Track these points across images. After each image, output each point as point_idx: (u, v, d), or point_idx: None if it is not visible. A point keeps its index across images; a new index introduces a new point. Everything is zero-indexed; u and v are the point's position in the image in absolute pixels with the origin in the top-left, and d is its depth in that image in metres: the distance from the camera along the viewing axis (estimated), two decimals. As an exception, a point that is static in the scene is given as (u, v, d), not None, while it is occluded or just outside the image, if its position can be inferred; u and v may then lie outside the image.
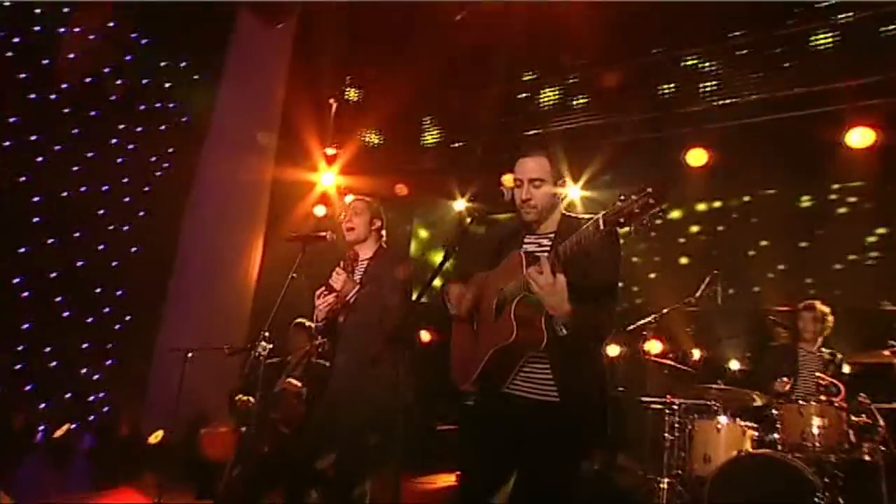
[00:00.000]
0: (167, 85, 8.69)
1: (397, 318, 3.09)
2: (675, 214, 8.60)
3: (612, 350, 7.42)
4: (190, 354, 5.03)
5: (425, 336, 7.62)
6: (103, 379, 7.88)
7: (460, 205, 9.04)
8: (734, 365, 6.97)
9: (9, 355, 7.31)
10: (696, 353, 7.05)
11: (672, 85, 7.97)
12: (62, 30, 7.94)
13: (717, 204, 8.59)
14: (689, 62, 7.86)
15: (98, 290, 8.03)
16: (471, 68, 8.60)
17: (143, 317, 8.02)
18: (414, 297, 3.24)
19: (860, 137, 6.43)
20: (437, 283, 2.70)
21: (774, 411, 4.61)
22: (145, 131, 8.50)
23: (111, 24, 8.18)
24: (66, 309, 7.80)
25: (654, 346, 6.50)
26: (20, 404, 7.27)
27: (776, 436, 4.52)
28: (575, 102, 8.51)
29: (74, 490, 5.52)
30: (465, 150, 8.76)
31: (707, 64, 7.72)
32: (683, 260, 8.47)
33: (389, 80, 8.65)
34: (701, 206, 8.62)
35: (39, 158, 7.73)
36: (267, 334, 4.29)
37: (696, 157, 7.51)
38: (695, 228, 8.62)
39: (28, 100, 7.63)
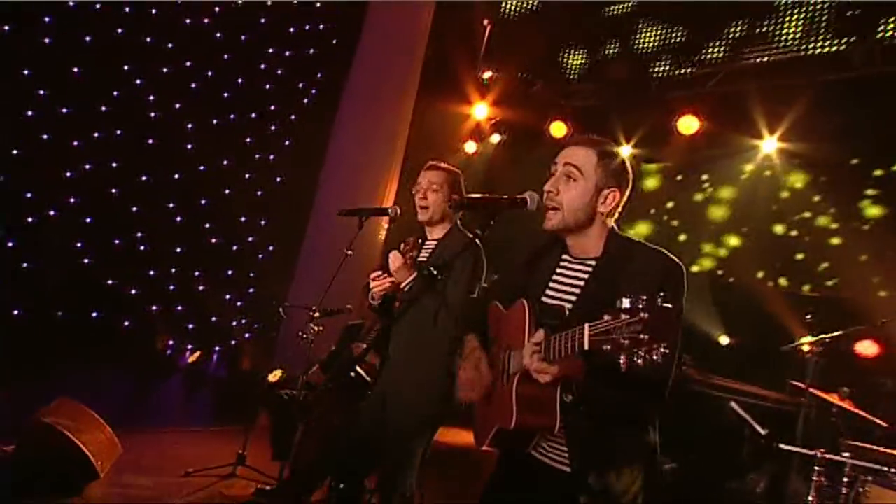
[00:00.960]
0: (318, 4, 8.64)
1: (456, 316, 2.81)
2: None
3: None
4: (282, 311, 4.99)
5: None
6: (244, 306, 8.41)
7: (625, 151, 8.10)
8: None
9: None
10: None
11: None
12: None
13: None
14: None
15: (243, 219, 8.46)
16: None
17: (283, 249, 8.33)
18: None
19: None
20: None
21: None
22: (294, 56, 8.57)
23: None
24: (214, 235, 8.33)
25: (866, 348, 5.59)
26: (170, 326, 7.99)
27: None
28: (780, 27, 7.06)
29: (196, 422, 5.94)
30: (637, 85, 7.75)
31: None
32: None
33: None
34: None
35: (193, 85, 8.13)
36: (317, 314, 4.09)
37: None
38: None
39: (183, 25, 7.95)
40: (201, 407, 6.57)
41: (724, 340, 7.08)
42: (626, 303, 1.54)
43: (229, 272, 8.40)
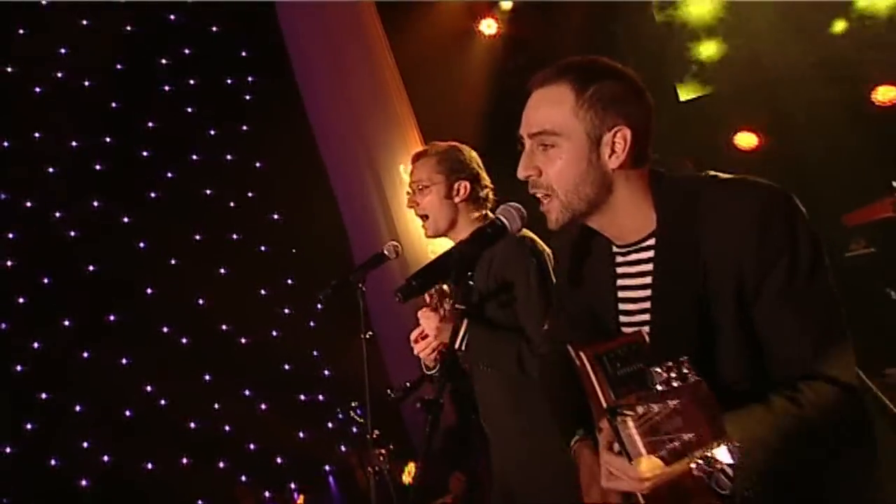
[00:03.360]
0: None
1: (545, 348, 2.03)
2: None
3: None
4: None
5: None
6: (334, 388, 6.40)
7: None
8: None
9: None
10: None
11: None
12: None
13: None
14: None
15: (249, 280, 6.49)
16: None
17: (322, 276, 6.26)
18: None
19: None
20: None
21: None
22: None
23: None
24: (223, 321, 6.39)
25: None
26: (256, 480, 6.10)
27: None
28: None
29: None
30: None
31: None
32: None
33: None
34: None
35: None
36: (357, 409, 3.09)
37: None
38: None
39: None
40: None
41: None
42: (656, 377, 1.12)
43: (286, 366, 6.42)
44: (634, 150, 1.45)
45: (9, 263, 5.85)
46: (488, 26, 6.49)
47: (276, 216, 6.69)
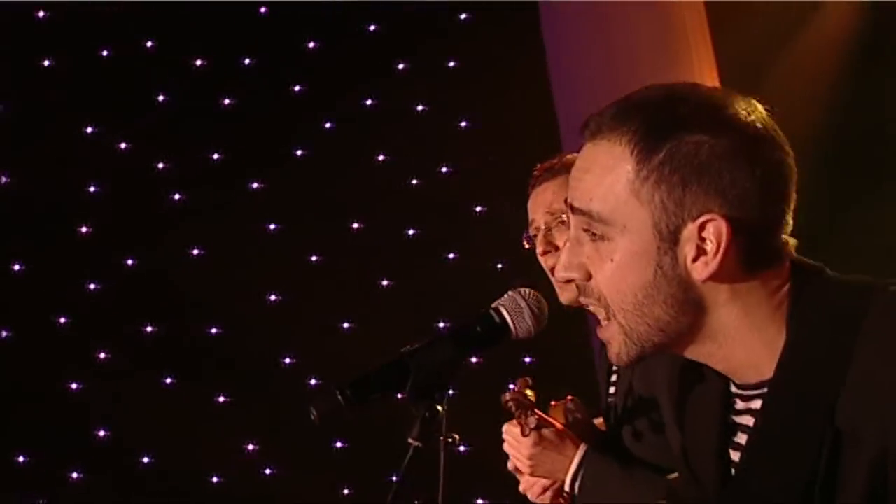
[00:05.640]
0: None
1: None
2: None
3: None
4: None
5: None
6: None
7: None
8: None
9: None
10: None
11: None
12: None
13: None
14: None
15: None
16: None
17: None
18: None
19: None
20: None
21: None
22: None
23: None
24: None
25: None
26: None
27: None
28: None
29: None
30: None
31: None
32: None
33: None
34: None
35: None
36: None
37: None
38: None
39: None
40: None
41: None
42: None
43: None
44: (739, 249, 0.94)
45: (83, 230, 4.14)
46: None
47: (477, 208, 4.49)
